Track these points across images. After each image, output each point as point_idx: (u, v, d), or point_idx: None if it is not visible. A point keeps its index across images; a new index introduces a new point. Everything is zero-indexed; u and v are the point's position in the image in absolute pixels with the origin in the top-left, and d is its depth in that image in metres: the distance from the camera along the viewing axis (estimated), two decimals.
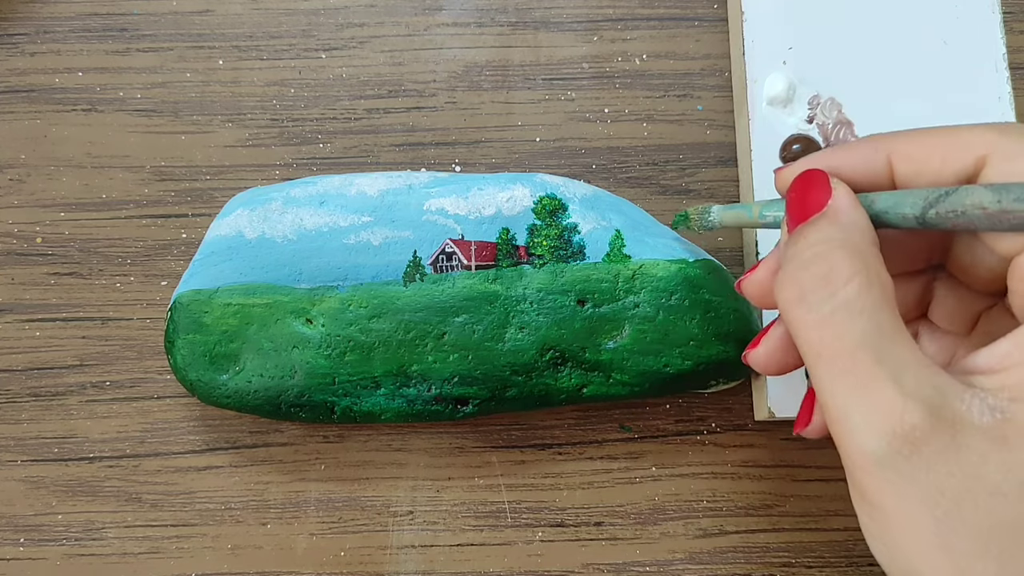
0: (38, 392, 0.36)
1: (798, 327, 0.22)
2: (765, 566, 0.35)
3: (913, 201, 0.22)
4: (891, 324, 0.21)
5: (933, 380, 0.20)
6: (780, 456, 0.36)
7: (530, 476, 0.35)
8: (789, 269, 0.23)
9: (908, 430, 0.19)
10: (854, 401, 0.20)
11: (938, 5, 0.36)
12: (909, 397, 0.20)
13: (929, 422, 0.19)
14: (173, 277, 0.37)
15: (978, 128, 0.22)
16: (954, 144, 0.22)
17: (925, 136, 0.23)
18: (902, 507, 0.20)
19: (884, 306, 0.21)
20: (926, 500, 0.19)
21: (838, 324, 0.21)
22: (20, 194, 0.38)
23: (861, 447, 0.20)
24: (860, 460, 0.20)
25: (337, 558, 0.35)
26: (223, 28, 0.39)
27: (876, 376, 0.20)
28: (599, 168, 0.38)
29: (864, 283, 0.21)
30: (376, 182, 0.34)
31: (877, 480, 0.20)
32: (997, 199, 0.20)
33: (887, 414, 0.20)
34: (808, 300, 0.22)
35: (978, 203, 0.21)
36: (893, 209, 0.23)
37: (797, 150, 0.35)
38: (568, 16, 0.40)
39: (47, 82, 0.39)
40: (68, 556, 0.35)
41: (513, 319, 0.33)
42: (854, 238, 0.22)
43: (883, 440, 0.20)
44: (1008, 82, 0.35)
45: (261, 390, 0.32)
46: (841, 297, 0.21)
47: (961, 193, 0.21)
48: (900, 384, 0.20)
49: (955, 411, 0.19)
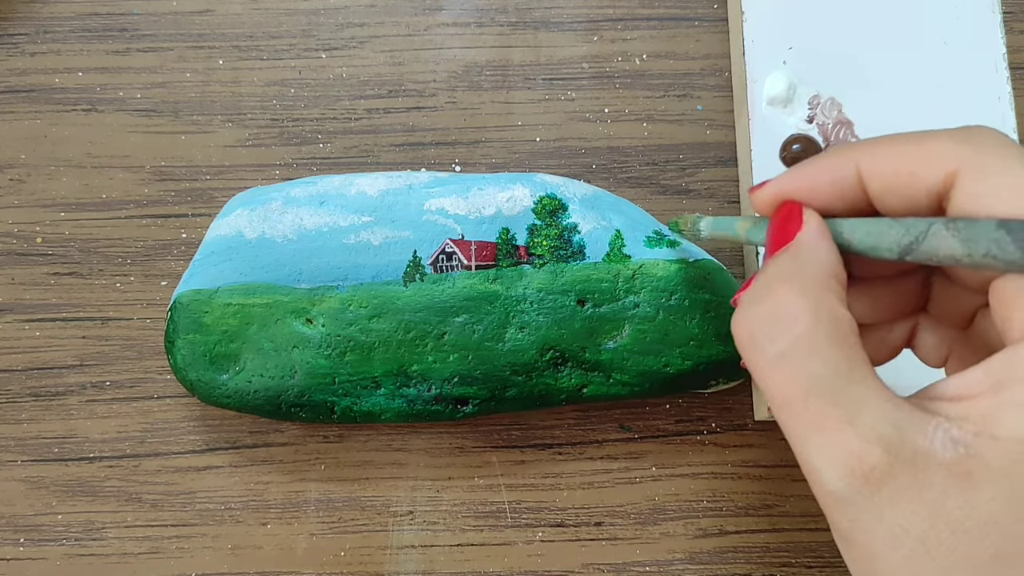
0: (38, 392, 0.36)
1: (752, 368, 0.21)
2: (765, 566, 0.35)
3: (888, 246, 0.21)
4: (846, 362, 0.20)
5: (892, 416, 0.19)
6: (780, 456, 0.36)
7: (530, 476, 0.35)
8: (742, 306, 0.22)
9: (868, 470, 0.19)
10: (812, 444, 0.20)
11: (938, 5, 0.36)
12: (866, 438, 0.19)
13: (887, 461, 0.19)
14: (173, 277, 0.37)
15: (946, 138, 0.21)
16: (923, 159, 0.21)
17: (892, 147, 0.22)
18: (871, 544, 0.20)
19: (837, 343, 0.20)
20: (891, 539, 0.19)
21: (788, 367, 0.20)
22: (20, 194, 0.38)
23: (826, 487, 0.20)
24: (826, 499, 0.20)
25: (337, 558, 0.35)
26: (223, 28, 0.39)
27: (830, 418, 0.20)
28: (599, 168, 0.38)
29: (812, 321, 0.20)
30: (376, 182, 0.34)
31: (845, 519, 0.20)
32: (967, 252, 0.20)
33: (846, 456, 0.19)
34: (757, 341, 0.21)
35: (950, 255, 0.20)
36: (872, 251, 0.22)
37: (797, 150, 0.35)
38: (568, 16, 0.40)
39: (47, 82, 0.39)
40: (68, 556, 0.35)
41: (513, 319, 0.33)
42: (808, 272, 0.21)
43: (843, 481, 0.19)
44: (1008, 82, 0.35)
45: (261, 390, 0.32)
46: (789, 337, 0.20)
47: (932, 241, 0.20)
48: (856, 425, 0.19)
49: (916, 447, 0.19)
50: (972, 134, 0.21)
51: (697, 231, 0.30)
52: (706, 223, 0.30)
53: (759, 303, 0.21)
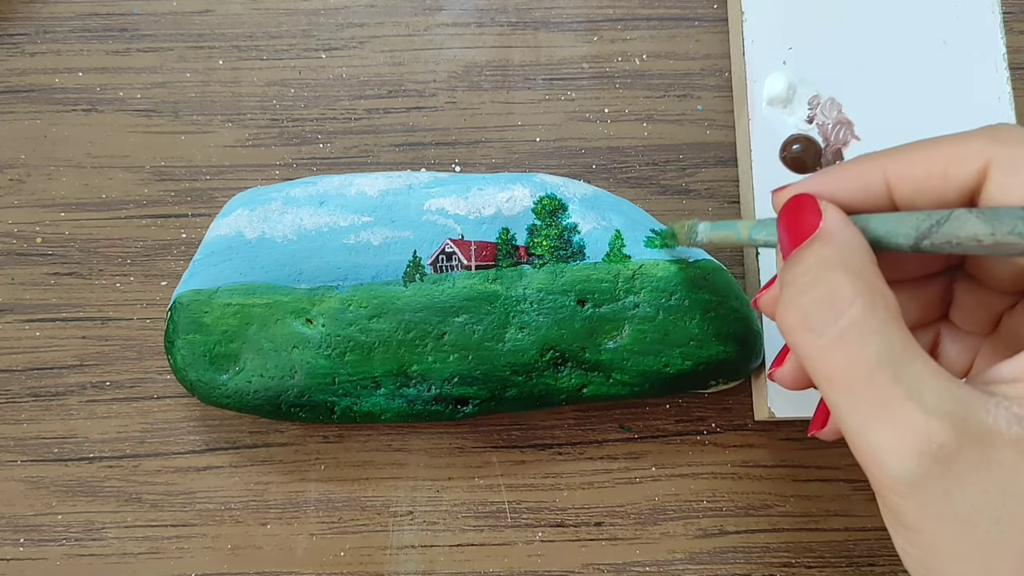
0: (38, 392, 0.36)
1: (806, 353, 0.21)
2: (765, 566, 0.35)
3: (905, 232, 0.21)
4: (902, 341, 0.20)
5: (955, 394, 0.19)
6: (780, 456, 0.36)
7: (530, 476, 0.35)
8: (789, 294, 0.22)
9: (936, 449, 0.19)
10: (875, 425, 0.20)
11: (938, 5, 0.36)
12: (933, 414, 0.19)
13: (956, 438, 0.19)
14: (173, 277, 0.37)
15: (976, 137, 0.21)
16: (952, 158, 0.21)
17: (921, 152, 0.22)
18: (939, 529, 0.19)
19: (892, 323, 0.20)
20: (963, 520, 0.19)
21: (848, 347, 0.20)
22: (20, 194, 0.38)
23: (890, 472, 0.19)
24: (891, 484, 0.20)
25: (337, 558, 0.35)
26: (223, 28, 0.39)
27: (895, 396, 0.19)
28: (599, 168, 0.38)
29: (868, 302, 0.20)
30: (376, 182, 0.34)
31: (911, 503, 0.19)
32: (991, 231, 0.20)
33: (912, 435, 0.19)
34: (813, 325, 0.21)
35: (972, 235, 0.20)
36: (886, 238, 0.22)
37: (797, 150, 0.35)
38: (568, 16, 0.40)
39: (47, 82, 0.39)
40: (68, 556, 0.35)
41: (513, 319, 0.33)
42: (851, 258, 0.21)
43: (912, 462, 0.19)
44: (1008, 82, 0.35)
45: (261, 390, 0.32)
46: (847, 319, 0.20)
47: (954, 223, 0.21)
48: (921, 402, 0.19)
49: (982, 424, 0.19)
50: (1000, 131, 0.21)
51: (694, 236, 0.30)
52: (703, 227, 0.30)
53: (810, 290, 0.21)
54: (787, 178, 0.35)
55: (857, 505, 0.35)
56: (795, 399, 0.33)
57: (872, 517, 0.35)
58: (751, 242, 0.27)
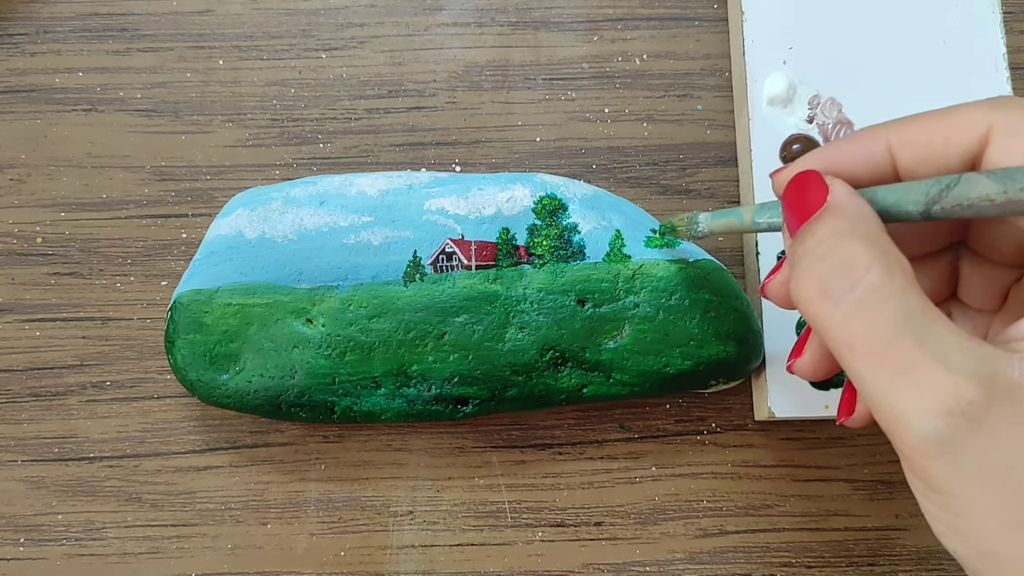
0: (38, 392, 0.36)
1: (824, 322, 0.21)
2: (765, 566, 0.35)
3: (915, 198, 0.22)
4: (921, 304, 0.20)
5: (979, 352, 0.19)
6: (780, 456, 0.36)
7: (530, 476, 0.35)
8: (804, 265, 0.22)
9: (965, 406, 0.19)
10: (901, 388, 0.20)
11: (938, 5, 0.36)
12: (959, 373, 0.19)
13: (985, 394, 0.19)
14: (173, 277, 0.37)
15: (976, 105, 0.22)
16: (955, 125, 0.22)
17: (923, 120, 0.22)
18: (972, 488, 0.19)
19: (910, 288, 0.20)
20: (997, 477, 0.19)
21: (868, 312, 0.20)
22: (20, 194, 0.38)
23: (919, 433, 0.19)
24: (920, 446, 0.19)
25: (337, 558, 0.35)
26: (223, 28, 0.39)
27: (919, 358, 0.19)
28: (599, 168, 0.38)
29: (885, 268, 0.20)
30: (376, 182, 0.34)
31: (942, 464, 0.19)
32: (1003, 190, 0.20)
33: (940, 394, 0.19)
34: (830, 293, 0.21)
35: (984, 195, 0.20)
36: (895, 207, 0.22)
37: (797, 150, 0.35)
38: (568, 16, 0.40)
39: (47, 82, 0.39)
40: (68, 556, 0.35)
41: (513, 319, 0.33)
42: (863, 226, 0.21)
43: (940, 421, 0.19)
44: (1008, 82, 0.35)
45: (261, 390, 0.32)
46: (865, 285, 0.20)
47: (964, 185, 0.21)
48: (946, 362, 0.19)
49: (1009, 379, 0.19)
50: (1000, 101, 0.21)
51: (695, 227, 0.30)
52: (704, 217, 0.30)
53: (825, 259, 0.21)
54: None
55: (857, 505, 0.35)
56: (795, 399, 0.33)
57: (872, 517, 0.35)
58: (754, 226, 0.27)
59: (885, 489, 0.35)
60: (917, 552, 0.35)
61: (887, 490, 0.35)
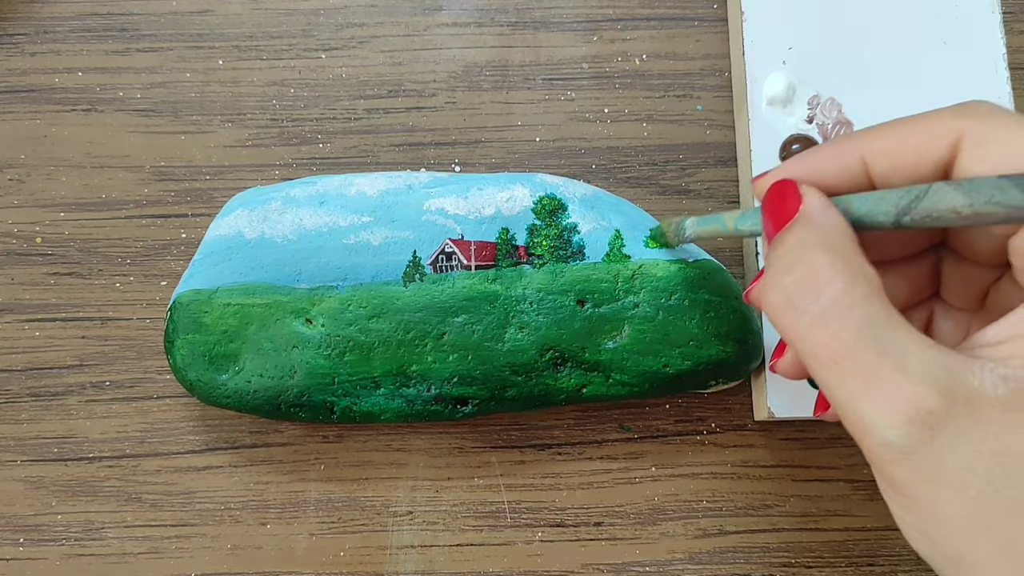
0: (38, 392, 0.36)
1: (790, 332, 0.22)
2: (765, 566, 0.35)
3: (885, 209, 0.22)
4: (884, 313, 0.20)
5: (940, 360, 0.20)
6: (780, 456, 0.36)
7: (530, 476, 0.35)
8: (771, 274, 0.22)
9: (925, 415, 0.19)
10: (863, 397, 0.20)
11: (938, 5, 0.36)
12: (919, 382, 0.19)
13: (944, 403, 0.19)
14: (173, 277, 0.37)
15: (947, 113, 0.22)
16: (925, 133, 0.22)
17: (895, 129, 0.23)
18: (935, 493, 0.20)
19: (873, 297, 0.21)
20: (956, 482, 0.19)
21: (831, 323, 0.21)
22: (20, 194, 0.38)
23: (882, 440, 0.20)
24: (883, 453, 0.20)
25: (337, 558, 0.35)
26: (223, 28, 0.39)
27: (880, 367, 0.20)
28: (599, 168, 0.38)
29: (849, 279, 0.21)
30: (376, 182, 0.34)
31: (904, 471, 0.20)
32: (969, 202, 0.20)
33: (900, 403, 0.19)
34: (795, 304, 0.21)
35: (950, 207, 0.20)
36: (868, 217, 0.22)
37: (797, 150, 0.35)
38: (568, 16, 0.40)
39: (47, 82, 0.39)
40: (68, 556, 0.35)
41: (513, 319, 0.33)
42: (831, 237, 0.22)
43: (901, 429, 0.19)
44: (1008, 82, 0.35)
45: (261, 390, 0.32)
46: (828, 296, 0.21)
47: (932, 197, 0.21)
48: (906, 371, 0.19)
49: (968, 387, 0.19)
50: (970, 107, 0.22)
51: (682, 231, 0.31)
52: (691, 222, 0.30)
53: (791, 270, 0.22)
54: None
55: (857, 505, 0.35)
56: (795, 399, 0.33)
57: (872, 517, 0.35)
58: (737, 232, 0.27)
59: None
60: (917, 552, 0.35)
61: None
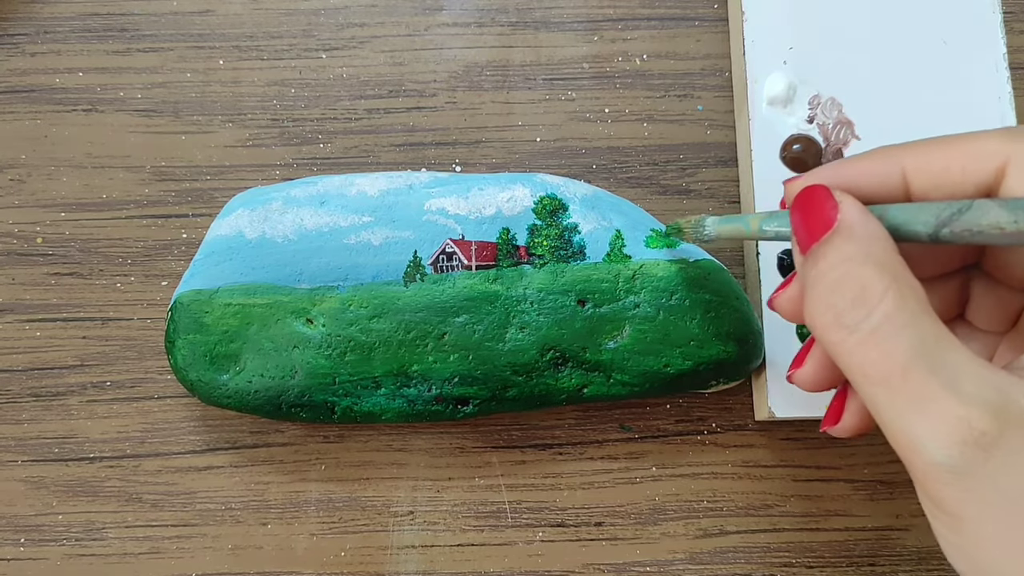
0: (38, 392, 0.36)
1: (839, 350, 0.21)
2: (765, 566, 0.35)
3: (925, 219, 0.21)
4: (935, 331, 0.20)
5: (992, 381, 0.19)
6: (780, 456, 0.36)
7: (530, 476, 0.35)
8: (817, 292, 0.22)
9: (978, 436, 0.19)
10: (914, 417, 0.20)
11: (938, 5, 0.36)
12: (972, 403, 0.19)
13: (997, 425, 0.19)
14: (173, 277, 0.37)
15: (995, 136, 0.22)
16: (972, 154, 0.22)
17: (940, 147, 0.22)
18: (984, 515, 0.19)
19: (923, 314, 0.20)
20: (1009, 505, 0.19)
21: (882, 342, 0.20)
22: (20, 194, 0.38)
23: (932, 461, 0.20)
24: (933, 473, 0.20)
25: (337, 558, 0.35)
26: (223, 28, 0.39)
27: (933, 388, 0.19)
28: (599, 168, 0.38)
29: (899, 295, 0.20)
30: (376, 182, 0.34)
31: (954, 491, 0.20)
32: (1014, 219, 0.20)
33: (953, 424, 0.19)
34: (845, 322, 0.21)
35: (994, 223, 0.20)
36: (905, 226, 0.22)
37: (797, 150, 0.35)
38: (568, 16, 0.40)
39: (47, 82, 0.39)
40: (68, 556, 0.35)
41: (513, 319, 0.33)
42: (876, 251, 0.21)
43: (954, 451, 0.19)
44: (1008, 82, 0.35)
45: (261, 390, 0.32)
46: (879, 314, 0.20)
47: (976, 211, 0.21)
48: (959, 392, 0.19)
49: (1021, 407, 0.19)
50: (1018, 132, 0.21)
51: (702, 230, 0.30)
52: (712, 221, 0.30)
53: (839, 287, 0.21)
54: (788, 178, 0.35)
55: (857, 505, 0.35)
56: (795, 399, 0.33)
57: (872, 517, 0.35)
58: (761, 234, 0.26)
59: (885, 489, 0.35)
60: (917, 552, 0.35)
61: (887, 490, 0.35)
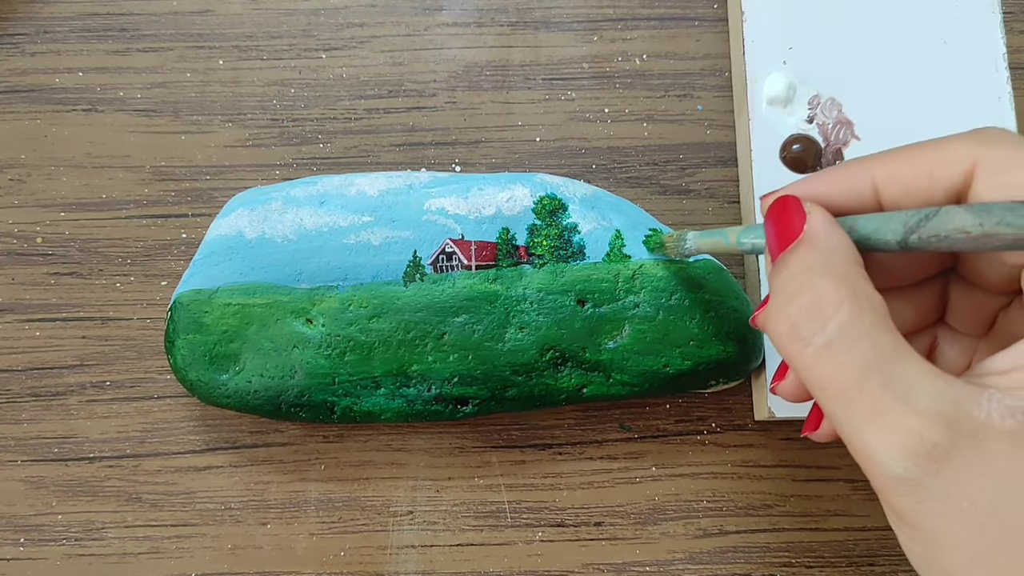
0: (38, 392, 0.36)
1: (796, 362, 0.21)
2: (765, 566, 0.35)
3: (894, 228, 0.21)
4: (891, 343, 0.20)
5: (947, 392, 0.19)
6: (780, 456, 0.36)
7: (530, 476, 0.35)
8: (775, 302, 0.22)
9: (930, 448, 0.19)
10: (870, 429, 0.20)
11: (938, 5, 0.36)
12: (924, 415, 0.19)
13: (949, 436, 0.19)
14: (173, 277, 0.37)
15: (962, 139, 0.22)
16: (938, 160, 0.22)
17: (908, 154, 0.22)
18: (938, 524, 0.19)
19: (879, 326, 0.20)
20: (960, 515, 0.19)
21: (836, 354, 0.20)
22: (20, 194, 0.38)
23: (887, 472, 0.20)
24: (889, 485, 0.20)
25: (337, 558, 0.35)
26: (223, 28, 0.39)
27: (886, 400, 0.20)
28: (599, 168, 0.38)
29: (855, 308, 0.20)
30: (376, 182, 0.34)
31: (910, 502, 0.20)
32: (979, 222, 0.20)
33: (906, 436, 0.19)
34: (800, 333, 0.21)
35: (960, 227, 0.20)
36: (875, 235, 0.22)
37: (797, 150, 0.35)
38: (568, 16, 0.40)
39: (47, 82, 0.39)
40: (68, 556, 0.35)
41: (513, 319, 0.33)
42: (835, 262, 0.21)
43: (908, 462, 0.19)
44: (1008, 82, 0.35)
45: (261, 390, 0.32)
46: (834, 326, 0.20)
47: (942, 217, 0.21)
48: (912, 404, 0.19)
49: (975, 419, 0.19)
50: (985, 134, 0.21)
51: (683, 245, 0.30)
52: (692, 235, 0.30)
53: (795, 298, 0.21)
54: (787, 178, 0.35)
55: (857, 505, 0.35)
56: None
57: (872, 517, 0.35)
58: (739, 247, 0.27)
59: None
60: None
61: None
